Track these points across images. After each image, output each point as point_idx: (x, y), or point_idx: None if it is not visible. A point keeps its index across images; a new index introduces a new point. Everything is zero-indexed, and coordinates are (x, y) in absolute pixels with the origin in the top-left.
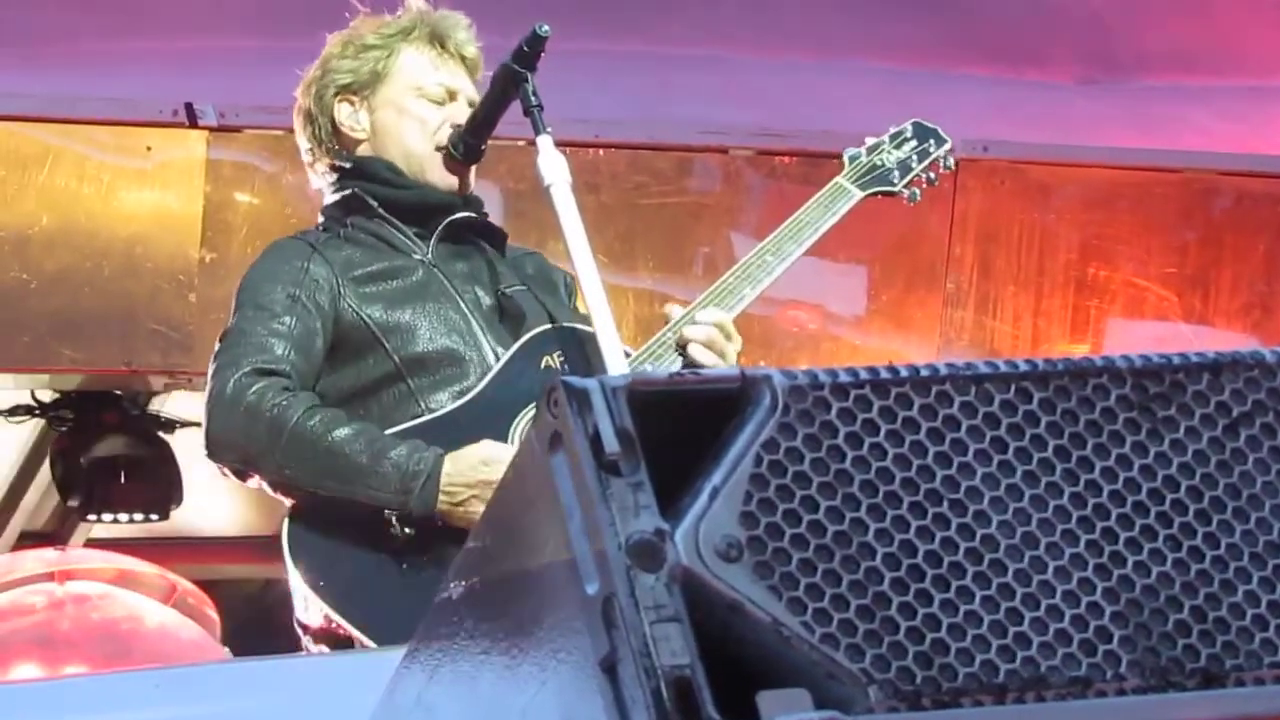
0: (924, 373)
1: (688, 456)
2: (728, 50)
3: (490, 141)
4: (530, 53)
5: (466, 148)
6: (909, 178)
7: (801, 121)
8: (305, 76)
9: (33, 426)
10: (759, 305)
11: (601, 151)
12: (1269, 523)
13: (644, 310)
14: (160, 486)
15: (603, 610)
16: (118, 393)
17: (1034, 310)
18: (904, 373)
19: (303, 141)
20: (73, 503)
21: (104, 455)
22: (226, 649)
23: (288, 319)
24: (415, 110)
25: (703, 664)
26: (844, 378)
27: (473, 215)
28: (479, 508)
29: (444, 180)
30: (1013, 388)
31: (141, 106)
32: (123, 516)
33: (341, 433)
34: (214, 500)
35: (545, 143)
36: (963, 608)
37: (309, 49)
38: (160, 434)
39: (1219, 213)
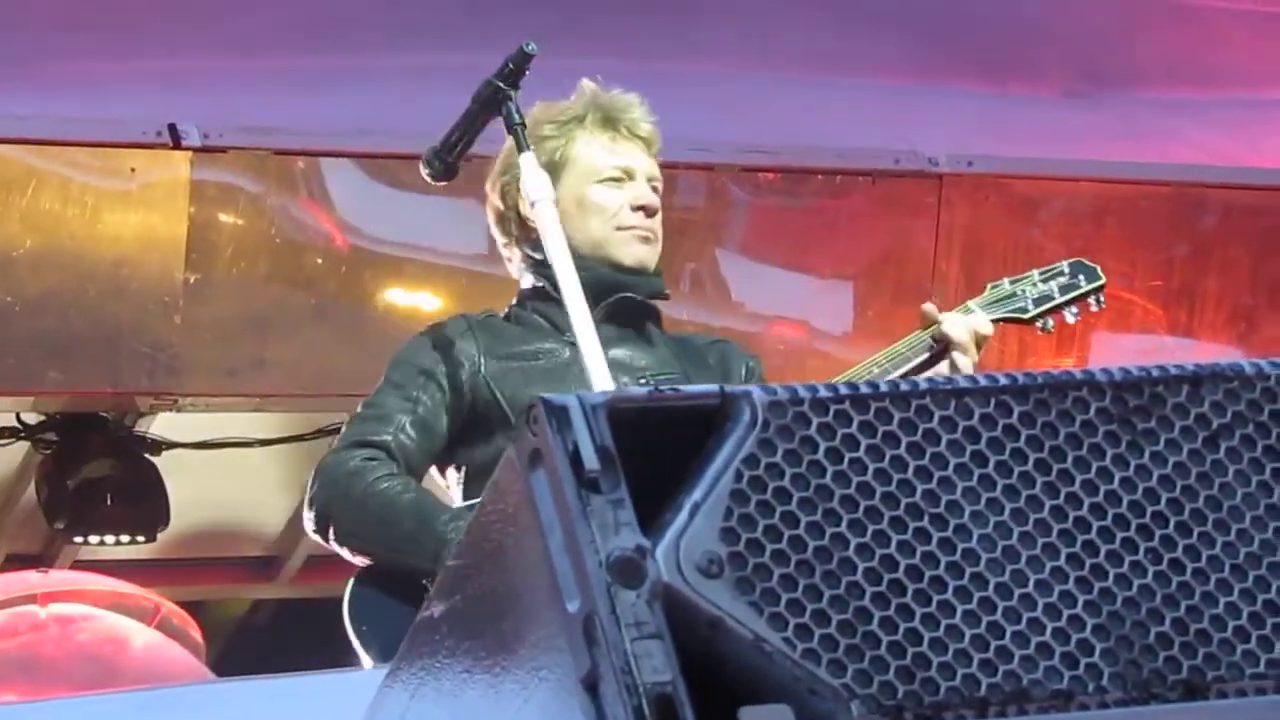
0: (903, 387)
1: (668, 473)
2: (712, 66)
3: (476, 159)
4: (515, 70)
5: (443, 165)
6: (1044, 308)
7: (787, 137)
8: (491, 173)
9: (18, 449)
10: (745, 321)
11: None
12: (1249, 534)
13: None
14: (147, 508)
15: (584, 627)
16: (104, 414)
17: (1019, 325)
18: (883, 387)
19: (497, 235)
20: (59, 525)
21: (90, 477)
22: (211, 671)
23: (415, 393)
24: (594, 198)
25: (684, 680)
26: (823, 393)
27: (632, 298)
28: None
29: (631, 257)
30: (992, 401)
31: (125, 127)
32: (109, 538)
33: (402, 500)
34: (200, 522)
35: (529, 160)
36: (944, 622)
37: (292, 69)
38: (147, 456)
39: (1206, 226)
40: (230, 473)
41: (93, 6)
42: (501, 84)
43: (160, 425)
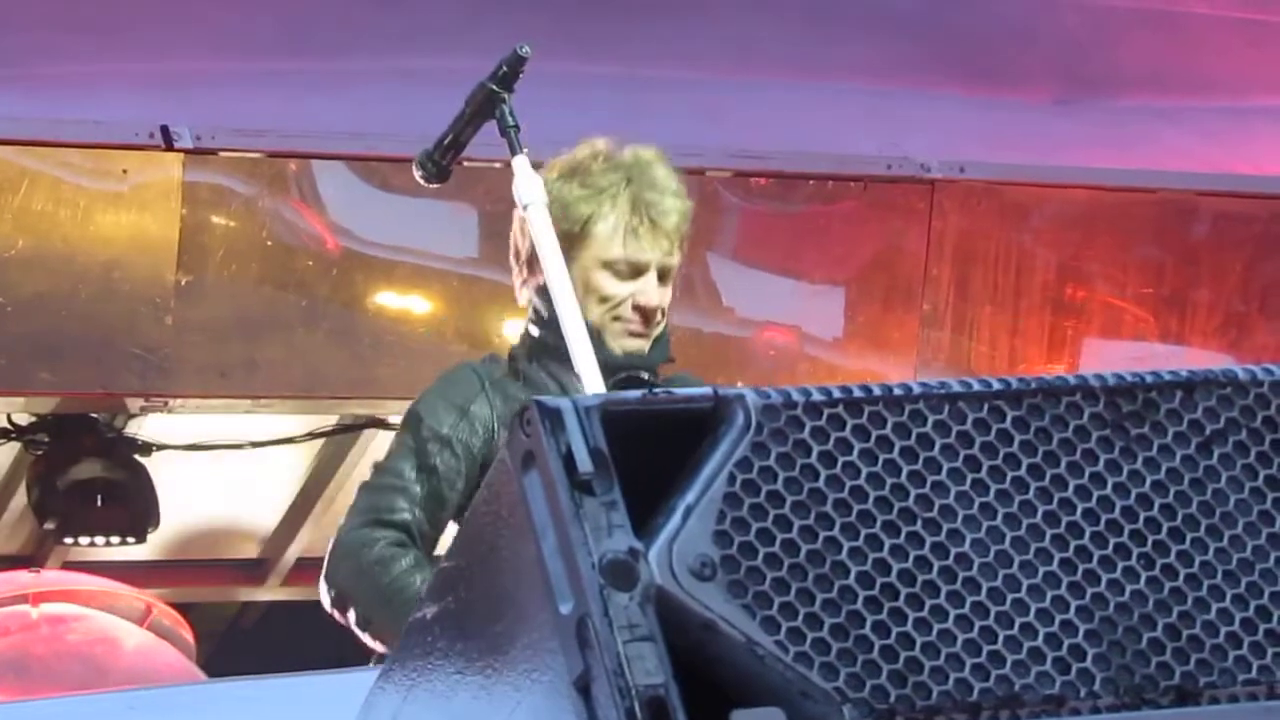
0: (897, 391)
1: (661, 476)
2: (703, 71)
3: (467, 163)
4: (510, 73)
5: (436, 168)
6: None
7: (778, 142)
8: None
9: (9, 450)
10: (736, 326)
11: None
12: (1241, 540)
13: None
14: (137, 509)
15: (577, 630)
16: (94, 416)
17: (1011, 331)
18: (877, 391)
19: (514, 264)
20: (49, 526)
21: (81, 478)
22: (202, 672)
23: (432, 461)
24: (598, 284)
25: (677, 683)
26: (817, 396)
27: (641, 377)
28: None
29: (620, 349)
30: (985, 406)
31: (117, 129)
32: (99, 540)
33: (415, 587)
34: (191, 524)
35: (521, 164)
36: (936, 626)
37: (285, 72)
38: (137, 457)
39: (1196, 233)
40: (221, 475)
41: (85, 8)
42: (495, 87)
43: (151, 427)
